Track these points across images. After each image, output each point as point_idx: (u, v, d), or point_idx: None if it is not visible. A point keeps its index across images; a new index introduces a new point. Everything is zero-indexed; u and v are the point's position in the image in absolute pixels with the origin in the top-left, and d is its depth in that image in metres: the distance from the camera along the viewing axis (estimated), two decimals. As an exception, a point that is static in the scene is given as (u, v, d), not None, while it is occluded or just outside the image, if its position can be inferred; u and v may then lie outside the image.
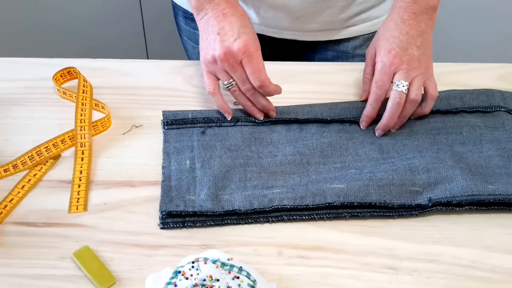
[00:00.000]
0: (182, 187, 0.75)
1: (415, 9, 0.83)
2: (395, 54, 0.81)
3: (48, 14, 1.95)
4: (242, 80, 0.81)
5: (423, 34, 0.82)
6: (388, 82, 0.81)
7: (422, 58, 0.82)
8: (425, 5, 0.83)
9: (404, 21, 0.82)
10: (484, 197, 0.72)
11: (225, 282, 0.61)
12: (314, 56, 1.07)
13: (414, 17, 0.82)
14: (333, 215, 0.72)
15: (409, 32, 0.82)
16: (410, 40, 0.82)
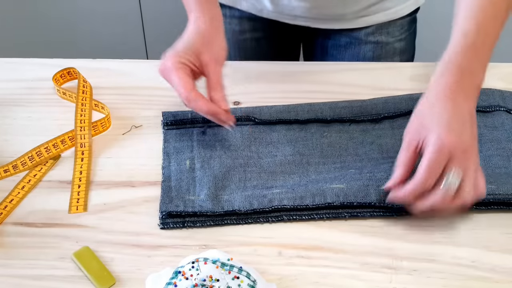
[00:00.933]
0: (182, 187, 0.75)
1: (463, 87, 0.71)
2: (454, 132, 0.67)
3: (48, 15, 1.95)
4: (179, 94, 0.77)
5: (471, 113, 0.70)
6: (442, 167, 0.67)
7: (474, 143, 0.69)
8: (473, 83, 0.71)
9: (452, 99, 0.70)
10: (484, 197, 0.72)
11: (225, 282, 0.61)
12: (327, 42, 1.08)
13: (463, 95, 0.70)
14: (333, 215, 0.72)
15: (462, 111, 0.69)
16: (464, 119, 0.69)
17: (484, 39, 0.72)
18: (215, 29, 0.80)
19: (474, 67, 0.72)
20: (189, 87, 0.74)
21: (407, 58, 1.10)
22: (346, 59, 1.07)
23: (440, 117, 0.69)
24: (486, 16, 0.72)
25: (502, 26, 0.74)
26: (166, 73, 0.76)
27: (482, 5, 0.73)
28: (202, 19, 0.80)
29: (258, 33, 1.09)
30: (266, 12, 1.04)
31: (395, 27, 1.04)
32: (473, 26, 0.72)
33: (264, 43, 1.11)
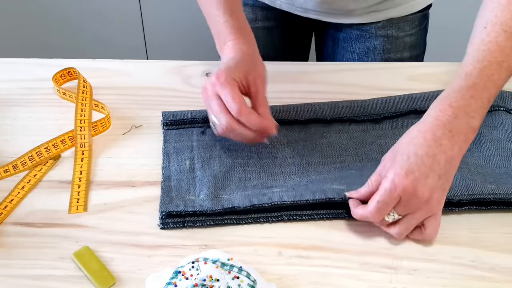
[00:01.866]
0: (182, 187, 0.75)
1: (454, 127, 0.68)
2: (412, 180, 0.66)
3: (48, 15, 1.95)
4: (216, 113, 0.75)
5: (451, 161, 0.68)
6: (390, 207, 0.68)
7: (438, 192, 0.68)
8: (466, 124, 0.69)
9: (436, 139, 0.68)
10: (483, 196, 0.72)
11: (225, 282, 0.61)
12: (338, 35, 1.09)
13: (450, 136, 0.68)
14: (333, 215, 0.72)
15: (437, 155, 0.67)
16: (434, 166, 0.67)
17: (486, 83, 0.70)
18: (255, 51, 0.82)
19: (470, 108, 0.69)
20: (242, 102, 0.74)
21: (417, 53, 1.11)
22: (356, 52, 1.07)
23: (408, 158, 0.68)
24: (492, 61, 0.70)
25: (508, 74, 0.72)
26: (218, 87, 0.75)
27: (490, 49, 0.71)
28: (242, 42, 0.81)
29: (270, 22, 1.11)
30: (279, 3, 1.06)
31: (405, 22, 1.05)
32: (476, 69, 0.71)
33: (276, 33, 1.13)
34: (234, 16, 0.82)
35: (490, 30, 0.72)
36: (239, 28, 0.82)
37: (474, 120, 0.69)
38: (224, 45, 0.81)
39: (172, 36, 1.95)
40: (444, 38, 1.59)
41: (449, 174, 0.68)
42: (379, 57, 1.06)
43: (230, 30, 0.81)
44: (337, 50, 1.11)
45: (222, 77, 0.75)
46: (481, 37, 0.72)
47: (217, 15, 0.82)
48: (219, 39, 0.82)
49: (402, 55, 1.08)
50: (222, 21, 0.82)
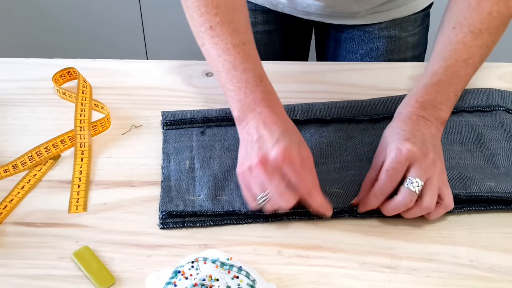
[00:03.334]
0: (181, 187, 0.75)
1: (424, 115, 0.73)
2: (413, 143, 0.69)
3: (47, 15, 1.95)
4: (279, 193, 0.68)
5: (434, 137, 0.72)
6: (401, 173, 0.69)
7: (436, 159, 0.70)
8: (435, 114, 0.74)
9: (413, 120, 0.73)
10: (482, 194, 0.72)
11: (224, 282, 0.61)
12: (341, 35, 1.09)
13: (423, 120, 0.73)
14: (332, 216, 0.72)
15: (421, 130, 0.72)
16: (424, 136, 0.71)
17: (451, 79, 0.75)
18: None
19: (436, 101, 0.74)
20: (316, 181, 0.70)
21: (420, 53, 1.11)
22: (359, 52, 1.07)
23: (399, 133, 0.71)
24: (459, 59, 0.75)
25: (475, 69, 0.76)
26: (289, 161, 0.67)
27: (456, 48, 0.76)
28: (279, 109, 0.73)
29: (270, 25, 1.10)
30: (281, 6, 1.05)
31: (408, 22, 1.05)
32: (442, 67, 0.75)
33: (276, 36, 1.12)
34: (265, 78, 0.75)
35: (458, 31, 0.76)
36: (274, 93, 0.75)
37: (442, 112, 0.74)
38: (256, 108, 0.72)
39: (172, 36, 1.95)
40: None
41: (439, 148, 0.72)
42: (381, 58, 1.06)
43: (262, 95, 0.73)
44: (339, 51, 1.10)
45: (305, 152, 0.70)
46: (450, 38, 0.76)
47: (240, 73, 0.74)
48: (245, 99, 0.73)
49: (405, 55, 1.07)
50: (253, 82, 0.73)
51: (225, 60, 0.74)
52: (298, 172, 0.68)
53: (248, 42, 0.76)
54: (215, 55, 0.74)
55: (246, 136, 0.72)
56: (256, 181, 0.69)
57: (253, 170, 0.69)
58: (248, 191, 0.71)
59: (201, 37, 0.76)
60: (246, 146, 0.71)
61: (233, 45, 0.74)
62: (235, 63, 0.73)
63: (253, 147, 0.70)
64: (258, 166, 0.68)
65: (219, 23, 0.75)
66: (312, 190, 0.69)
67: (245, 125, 0.72)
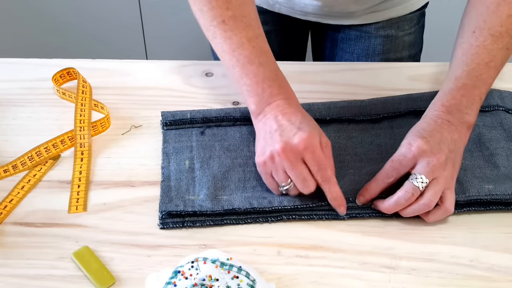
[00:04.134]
0: (181, 187, 0.75)
1: (450, 119, 0.73)
2: (426, 141, 0.70)
3: (47, 15, 1.95)
4: (302, 180, 0.71)
5: (456, 142, 0.72)
6: (407, 167, 0.71)
7: (450, 163, 0.71)
8: (460, 119, 0.73)
9: (437, 123, 0.73)
10: (480, 197, 0.72)
11: (224, 282, 0.61)
12: (338, 36, 1.09)
13: (448, 124, 0.72)
14: (332, 216, 0.73)
15: (443, 133, 0.72)
16: (443, 139, 0.71)
17: (475, 82, 0.75)
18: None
19: (462, 105, 0.74)
20: (333, 168, 0.72)
21: (416, 52, 1.11)
22: (356, 52, 1.07)
23: (418, 131, 0.72)
24: (481, 62, 0.75)
25: (497, 71, 0.76)
26: (311, 150, 0.70)
27: (478, 52, 0.75)
28: (295, 102, 0.76)
29: (268, 26, 1.10)
30: (278, 7, 1.05)
31: (405, 21, 1.05)
32: (465, 71, 0.75)
33: (273, 36, 1.12)
34: (279, 72, 0.77)
35: (478, 35, 0.76)
36: (287, 86, 0.77)
37: (468, 116, 0.74)
38: (274, 101, 0.74)
39: (171, 36, 1.95)
40: (440, 37, 1.59)
41: (457, 154, 0.72)
42: (378, 58, 1.06)
43: (279, 89, 0.75)
44: (336, 51, 1.11)
45: (324, 138, 0.72)
46: (470, 42, 0.76)
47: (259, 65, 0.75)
48: (263, 93, 0.75)
49: (401, 55, 1.08)
50: (271, 75, 0.75)
51: (240, 55, 0.74)
52: (319, 160, 0.70)
53: (261, 36, 0.77)
54: (229, 50, 0.75)
55: (264, 127, 0.74)
56: (279, 168, 0.71)
57: (275, 158, 0.71)
58: (270, 180, 0.73)
59: (212, 30, 0.76)
60: (265, 137, 0.73)
61: (248, 39, 0.75)
62: (250, 57, 0.74)
63: (273, 136, 0.72)
64: (281, 154, 0.70)
65: (232, 17, 0.75)
66: (331, 179, 0.71)
67: (262, 117, 0.74)
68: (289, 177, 0.71)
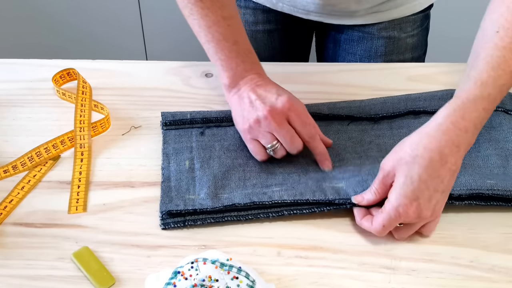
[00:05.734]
0: (181, 187, 0.75)
1: (461, 142, 0.68)
2: (416, 206, 0.67)
3: (47, 15, 1.95)
4: (290, 138, 0.76)
5: (454, 175, 0.69)
6: (394, 226, 0.70)
7: (439, 203, 0.69)
8: (472, 138, 0.69)
9: (443, 157, 0.67)
10: (482, 191, 0.72)
11: (224, 282, 0.61)
12: (340, 36, 1.09)
13: (456, 151, 0.68)
14: (334, 207, 0.72)
15: (441, 174, 0.67)
16: (438, 186, 0.67)
17: (498, 93, 0.70)
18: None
19: (479, 120, 0.69)
20: (317, 126, 0.78)
21: (419, 54, 1.11)
22: (358, 53, 1.07)
23: (411, 183, 0.67)
24: (507, 70, 0.70)
25: None
26: (294, 109, 0.76)
27: (505, 56, 0.70)
28: (267, 77, 0.82)
29: (271, 25, 1.10)
30: (281, 6, 1.05)
31: (407, 22, 1.05)
32: (491, 77, 0.69)
33: (277, 35, 1.12)
34: (252, 51, 0.83)
35: (503, 35, 0.71)
36: (259, 64, 0.83)
37: (478, 131, 0.70)
38: (248, 75, 0.80)
39: (171, 37, 1.95)
40: (444, 39, 1.59)
41: (450, 186, 0.69)
42: (381, 59, 1.06)
43: (252, 65, 0.81)
44: (338, 52, 1.11)
45: (297, 103, 0.77)
46: (495, 42, 0.71)
47: (229, 45, 0.80)
48: (237, 67, 0.80)
49: (404, 57, 1.07)
50: (243, 51, 0.81)
51: (216, 31, 0.79)
52: (303, 118, 0.76)
53: (236, 16, 0.81)
54: (205, 26, 0.79)
55: (239, 100, 0.79)
56: (265, 131, 0.76)
57: (261, 121, 0.76)
58: (255, 144, 0.78)
59: (189, 7, 0.80)
60: (243, 107, 0.78)
61: (223, 18, 0.79)
62: (225, 35, 0.79)
63: (255, 104, 0.77)
64: (267, 117, 0.75)
65: None
66: (316, 136, 0.77)
67: (236, 91, 0.80)
68: (275, 138, 0.76)
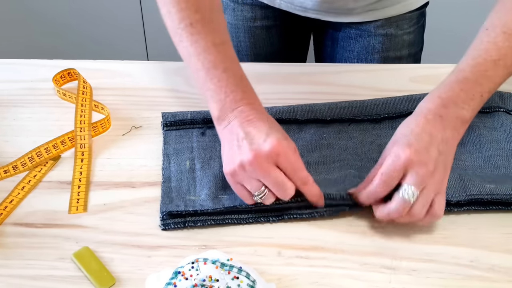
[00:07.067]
0: (182, 188, 0.75)
1: (443, 113, 0.71)
2: (414, 150, 0.68)
3: (48, 16, 1.96)
4: (279, 184, 0.68)
5: (447, 142, 0.70)
6: (397, 179, 0.68)
7: (440, 167, 0.69)
8: (455, 113, 0.71)
9: (428, 120, 0.70)
10: (481, 196, 0.72)
11: (224, 283, 0.61)
12: (338, 34, 1.09)
13: (440, 120, 0.70)
14: (334, 212, 0.72)
15: (432, 133, 0.69)
16: (432, 141, 0.69)
17: (478, 78, 0.72)
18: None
19: (459, 99, 0.71)
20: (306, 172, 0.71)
21: (416, 51, 1.11)
22: (356, 51, 1.08)
23: (406, 135, 0.69)
24: (488, 59, 0.72)
25: (506, 71, 0.73)
26: (284, 153, 0.68)
27: (486, 48, 0.73)
28: (259, 107, 0.73)
29: (269, 21, 1.10)
30: (278, 2, 1.05)
31: (404, 20, 1.06)
32: (470, 65, 0.73)
33: (275, 32, 1.12)
34: (244, 77, 0.75)
35: (490, 31, 0.73)
36: (251, 91, 0.75)
37: (464, 111, 0.71)
38: (237, 107, 0.72)
39: (172, 37, 1.95)
40: (441, 37, 1.60)
41: (447, 154, 0.69)
42: (378, 56, 1.07)
43: (243, 94, 0.73)
44: (336, 50, 1.11)
45: (293, 145, 0.70)
46: (481, 38, 0.74)
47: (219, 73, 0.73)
48: (226, 98, 0.72)
49: (401, 53, 1.08)
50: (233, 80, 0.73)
51: (205, 59, 0.73)
52: (293, 163, 0.69)
53: (227, 42, 0.75)
54: (195, 53, 0.74)
55: (229, 136, 0.71)
56: (251, 177, 0.69)
57: (246, 167, 0.68)
58: (241, 190, 0.71)
59: (179, 33, 0.75)
60: (232, 146, 0.70)
61: (214, 44, 0.73)
62: (215, 62, 0.73)
63: (241, 144, 0.69)
64: (253, 162, 0.67)
65: (200, 20, 0.74)
66: (309, 179, 0.70)
67: (226, 124, 0.72)
68: (262, 185, 0.69)
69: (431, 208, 0.69)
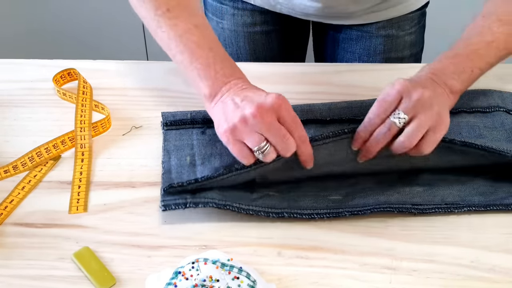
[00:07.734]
0: (182, 178, 0.75)
1: (434, 78, 0.73)
2: (410, 81, 0.70)
3: (48, 16, 1.96)
4: (282, 137, 0.68)
5: (438, 96, 0.71)
6: (392, 105, 0.70)
7: (435, 104, 0.69)
8: (444, 81, 0.73)
9: (421, 78, 0.73)
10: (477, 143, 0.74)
11: (225, 283, 0.61)
12: (339, 36, 1.09)
13: (432, 81, 0.72)
14: (333, 215, 0.72)
15: (426, 83, 0.71)
16: (427, 84, 0.72)
17: (469, 54, 0.75)
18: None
19: (448, 70, 0.74)
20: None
21: (417, 51, 1.12)
22: (357, 52, 1.08)
23: (402, 77, 0.72)
24: (481, 40, 0.75)
25: (498, 53, 0.75)
26: (285, 108, 0.68)
27: (481, 32, 0.76)
28: (249, 82, 0.74)
29: (269, 26, 1.10)
30: (279, 7, 1.05)
31: (405, 20, 1.06)
32: (462, 43, 0.75)
33: (274, 37, 1.12)
34: (229, 56, 0.75)
35: (486, 18, 0.77)
36: (238, 68, 0.75)
37: (453, 81, 0.73)
38: (230, 81, 0.72)
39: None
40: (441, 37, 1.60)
41: (442, 106, 0.70)
42: (379, 57, 1.07)
43: (232, 70, 0.73)
44: (337, 51, 1.11)
45: (286, 100, 0.69)
46: (477, 23, 0.77)
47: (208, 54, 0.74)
48: (216, 74, 0.73)
49: (403, 54, 1.08)
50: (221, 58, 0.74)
51: (188, 40, 0.73)
52: (294, 118, 0.69)
53: (207, 24, 0.76)
54: (176, 36, 0.74)
55: (223, 106, 0.70)
56: (252, 131, 0.67)
57: (249, 120, 0.67)
58: (241, 147, 0.69)
59: (156, 20, 0.75)
60: (226, 111, 0.69)
61: (195, 26, 0.74)
62: (199, 43, 0.73)
63: (240, 105, 0.68)
64: (256, 115, 0.66)
65: (176, 6, 0.74)
66: (307, 137, 0.70)
67: (219, 98, 0.72)
68: (264, 139, 0.68)
69: (420, 141, 0.69)
